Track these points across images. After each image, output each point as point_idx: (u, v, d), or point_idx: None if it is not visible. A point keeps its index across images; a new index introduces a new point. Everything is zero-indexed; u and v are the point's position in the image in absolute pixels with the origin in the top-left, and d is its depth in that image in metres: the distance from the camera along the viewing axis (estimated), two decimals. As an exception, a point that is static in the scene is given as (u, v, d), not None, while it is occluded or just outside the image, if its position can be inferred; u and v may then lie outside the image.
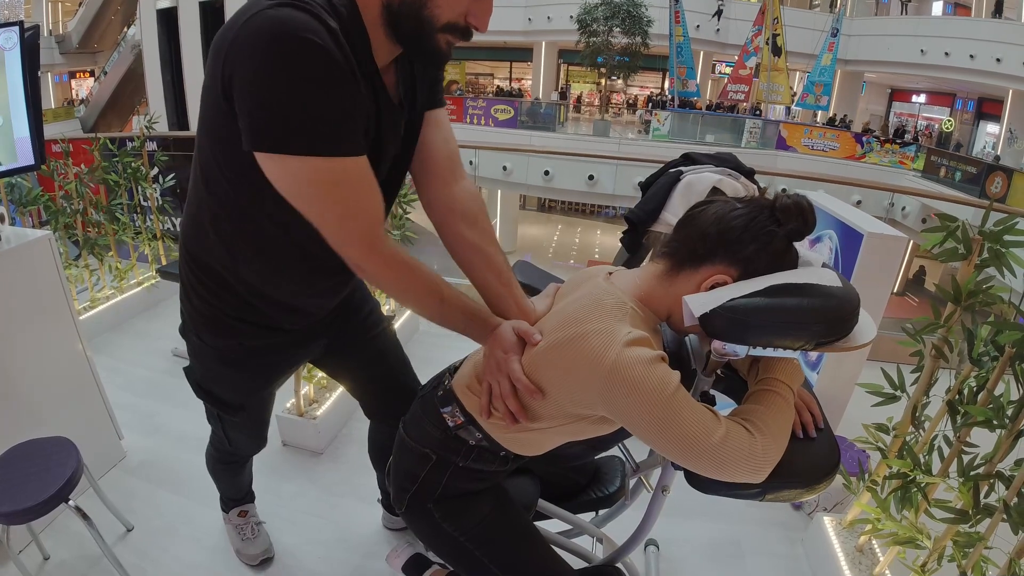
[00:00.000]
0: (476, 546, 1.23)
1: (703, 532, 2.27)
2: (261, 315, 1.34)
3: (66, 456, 1.78)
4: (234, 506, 2.07)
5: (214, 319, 1.36)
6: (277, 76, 0.92)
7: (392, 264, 1.10)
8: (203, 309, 1.35)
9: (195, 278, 1.32)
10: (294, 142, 0.96)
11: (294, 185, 1.02)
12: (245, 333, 1.38)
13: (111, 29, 23.30)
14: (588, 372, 0.96)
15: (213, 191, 1.19)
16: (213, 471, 1.96)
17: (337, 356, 1.67)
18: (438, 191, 1.28)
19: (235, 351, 1.43)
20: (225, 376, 1.52)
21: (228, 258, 1.25)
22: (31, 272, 2.10)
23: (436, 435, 1.19)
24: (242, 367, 1.48)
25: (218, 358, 1.46)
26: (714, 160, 2.02)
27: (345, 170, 1.02)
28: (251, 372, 1.51)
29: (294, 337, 1.46)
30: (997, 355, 1.53)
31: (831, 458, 1.09)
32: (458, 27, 1.05)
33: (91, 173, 3.60)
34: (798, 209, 1.00)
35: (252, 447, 1.85)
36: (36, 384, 2.12)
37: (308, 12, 0.94)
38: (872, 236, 2.22)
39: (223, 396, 1.56)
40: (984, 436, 1.58)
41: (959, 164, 14.11)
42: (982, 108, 18.78)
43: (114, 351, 3.40)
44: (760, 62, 16.95)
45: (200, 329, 1.40)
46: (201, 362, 1.51)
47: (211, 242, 1.25)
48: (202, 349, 1.45)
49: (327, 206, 1.03)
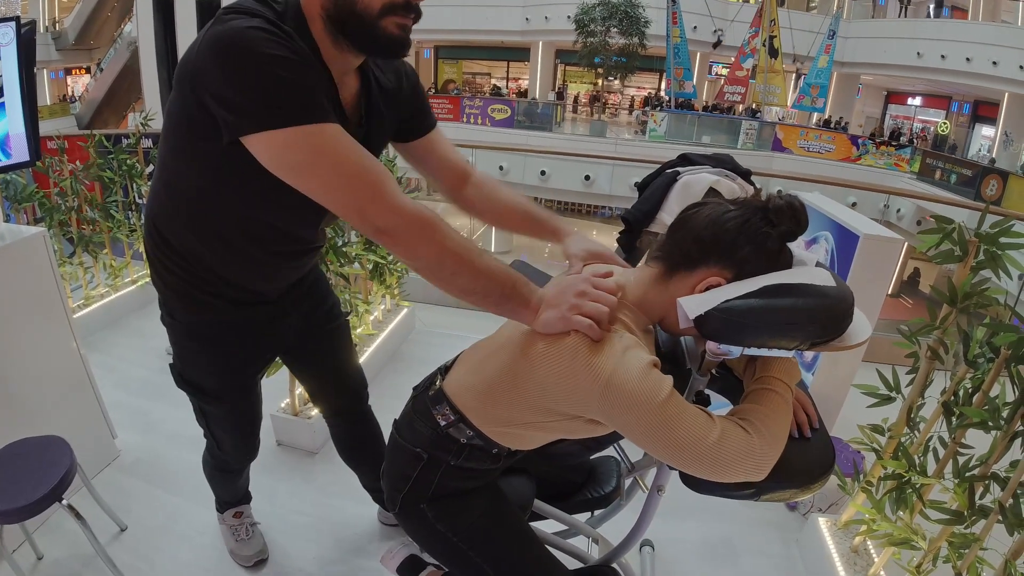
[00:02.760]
0: (470, 546, 1.22)
1: (698, 532, 2.27)
2: (231, 290, 1.39)
3: (59, 455, 1.76)
4: (228, 508, 2.06)
5: (186, 295, 1.39)
6: (244, 63, 0.98)
7: (421, 219, 1.03)
8: (175, 285, 1.38)
9: (163, 255, 1.35)
10: (275, 116, 0.99)
11: (286, 159, 1.03)
12: (216, 308, 1.41)
13: (107, 25, 23.22)
14: (588, 381, 0.96)
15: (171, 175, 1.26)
16: (210, 477, 1.95)
17: (303, 346, 1.70)
18: (456, 194, 1.45)
19: (207, 327, 1.46)
20: (200, 357, 1.53)
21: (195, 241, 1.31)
22: (25, 270, 2.09)
23: (427, 434, 1.19)
24: (214, 344, 1.49)
25: (188, 334, 1.48)
26: (711, 161, 2.02)
27: (331, 136, 1.03)
28: (223, 350, 1.51)
29: (267, 313, 1.49)
30: (993, 357, 1.53)
31: (826, 458, 1.09)
32: (397, 5, 1.06)
33: (86, 170, 3.58)
34: (791, 210, 1.00)
35: (242, 454, 1.84)
36: (30, 382, 2.10)
37: (258, 17, 1.02)
38: (868, 238, 2.22)
39: (201, 383, 1.57)
40: (979, 437, 1.58)
41: (954, 167, 14.18)
42: (978, 111, 18.87)
43: (108, 349, 3.39)
44: (757, 64, 17.00)
45: (172, 304, 1.43)
46: (176, 341, 1.52)
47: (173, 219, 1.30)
48: (174, 327, 1.47)
49: (327, 174, 1.03)
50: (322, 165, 1.02)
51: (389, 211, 1.03)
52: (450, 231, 1.05)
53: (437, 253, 1.04)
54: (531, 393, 1.05)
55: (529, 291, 1.07)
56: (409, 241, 1.04)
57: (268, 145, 1.02)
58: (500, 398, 1.10)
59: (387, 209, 1.03)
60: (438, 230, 1.04)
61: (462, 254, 1.05)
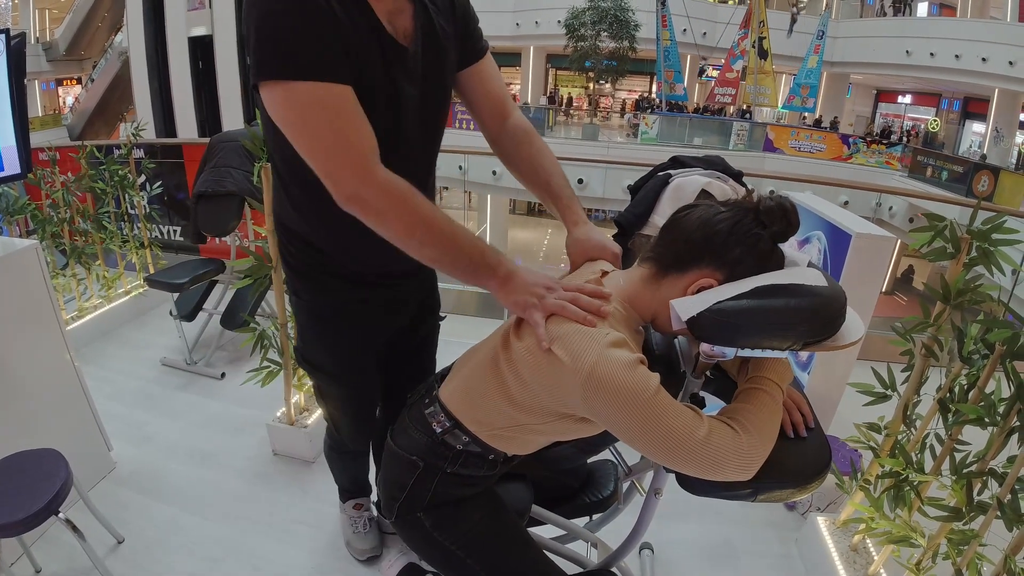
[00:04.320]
0: (468, 554, 1.22)
1: (697, 534, 2.26)
2: (348, 269, 1.43)
3: (55, 468, 1.76)
4: (349, 497, 2.10)
5: (306, 275, 1.46)
6: (262, 9, 1.01)
7: (392, 190, 1.07)
8: (297, 266, 1.45)
9: (286, 239, 1.44)
10: (273, 68, 1.02)
11: (281, 114, 1.06)
12: (335, 288, 1.46)
13: (98, 36, 23.21)
14: (569, 374, 0.96)
15: (279, 159, 1.31)
16: (328, 458, 2.00)
17: (405, 337, 1.71)
18: (492, 129, 1.43)
19: (327, 307, 1.50)
20: (321, 337, 1.57)
21: (302, 221, 1.36)
22: (18, 282, 2.08)
23: (423, 441, 1.19)
24: (334, 324, 1.53)
25: (310, 313, 1.54)
26: (702, 163, 2.02)
27: (329, 95, 1.04)
28: (342, 331, 1.54)
29: (386, 296, 1.51)
30: (987, 353, 1.53)
31: (822, 457, 1.09)
32: None
33: (78, 181, 3.57)
34: (781, 211, 1.01)
35: (357, 436, 1.86)
36: (24, 395, 2.09)
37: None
38: (860, 236, 2.22)
39: (320, 362, 1.62)
40: (976, 434, 1.58)
41: (945, 163, 14.23)
42: (968, 107, 18.97)
43: (103, 361, 3.38)
44: (747, 65, 17.07)
45: (296, 284, 1.50)
46: (299, 321, 1.60)
47: (287, 206, 1.37)
48: (299, 306, 1.55)
49: (315, 135, 1.05)
50: (309, 125, 1.05)
51: (361, 181, 1.06)
52: (421, 202, 1.09)
53: (407, 225, 1.08)
54: (517, 392, 1.05)
55: (496, 261, 1.11)
56: (380, 211, 1.07)
57: (267, 96, 1.06)
58: (490, 400, 1.10)
59: (360, 179, 1.06)
60: (408, 202, 1.08)
61: (431, 225, 1.08)
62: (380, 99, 1.17)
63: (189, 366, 3.31)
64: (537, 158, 1.39)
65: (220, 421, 2.86)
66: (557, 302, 1.04)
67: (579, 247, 1.31)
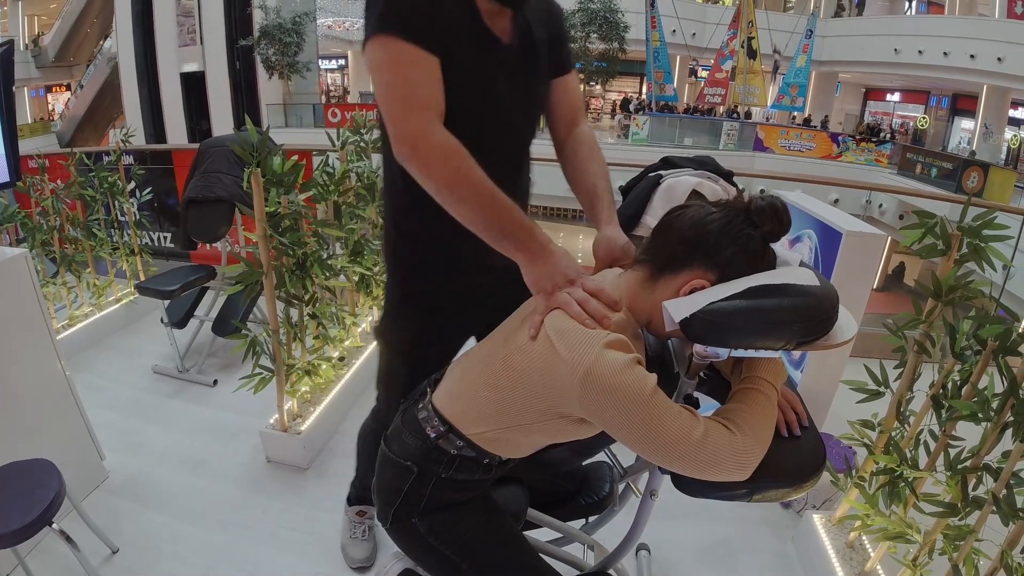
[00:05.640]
0: (463, 559, 1.21)
1: (694, 534, 2.26)
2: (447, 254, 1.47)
3: (47, 478, 1.74)
4: (357, 503, 2.11)
5: (403, 259, 1.53)
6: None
7: (442, 145, 1.13)
8: (396, 252, 1.54)
9: (388, 229, 1.53)
10: (375, 24, 1.14)
11: (373, 64, 1.16)
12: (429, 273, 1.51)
13: (87, 42, 23.12)
14: (566, 373, 0.96)
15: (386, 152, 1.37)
16: (362, 448, 1.97)
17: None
18: (560, 134, 1.53)
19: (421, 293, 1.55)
20: (409, 319, 1.60)
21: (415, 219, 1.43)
22: (8, 291, 2.07)
23: (417, 446, 1.18)
24: (426, 308, 1.56)
25: (403, 294, 1.59)
26: (693, 164, 2.03)
27: (412, 55, 1.14)
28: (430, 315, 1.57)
29: (478, 284, 1.53)
30: (980, 349, 1.54)
31: (817, 456, 1.09)
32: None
33: (67, 189, 3.55)
34: (772, 211, 1.01)
35: None
36: (15, 404, 2.08)
37: None
38: (851, 234, 2.23)
39: (400, 343, 1.64)
40: (969, 429, 1.58)
41: (935, 160, 14.29)
42: (957, 104, 19.08)
43: (94, 369, 3.36)
44: (736, 65, 17.13)
45: (393, 269, 1.58)
46: (388, 299, 1.65)
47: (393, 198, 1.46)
48: (391, 287, 1.62)
49: (392, 84, 1.15)
50: (384, 74, 1.15)
51: (417, 131, 1.13)
52: (468, 164, 1.13)
53: (448, 180, 1.13)
54: (513, 391, 1.05)
55: (529, 236, 1.15)
56: (428, 162, 1.14)
57: (368, 50, 1.16)
58: (484, 401, 1.10)
59: (416, 129, 1.13)
60: (454, 159, 1.13)
61: (472, 185, 1.13)
62: (473, 85, 1.25)
63: (181, 373, 3.29)
64: (588, 162, 1.47)
65: (213, 428, 2.85)
66: (565, 297, 1.06)
67: (605, 246, 1.33)
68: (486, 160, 1.15)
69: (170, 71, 17.86)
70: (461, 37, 1.21)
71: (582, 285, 1.09)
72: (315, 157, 3.75)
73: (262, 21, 16.92)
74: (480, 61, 1.26)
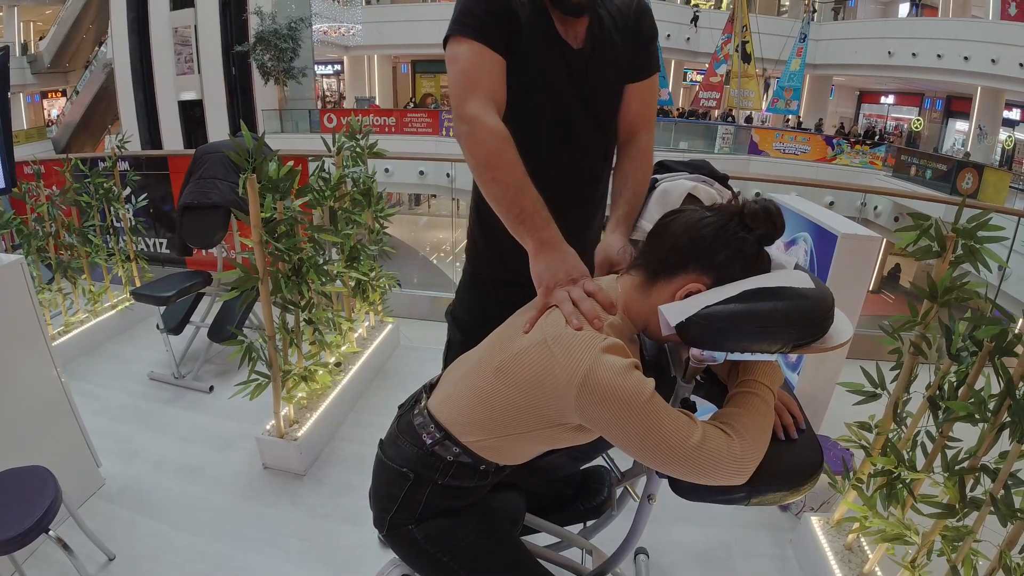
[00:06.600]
0: (461, 566, 1.20)
1: (692, 538, 2.26)
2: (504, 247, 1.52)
3: (43, 485, 1.74)
4: None
5: (471, 247, 1.72)
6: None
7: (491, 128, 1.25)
8: (475, 243, 1.70)
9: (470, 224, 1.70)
10: (453, 26, 1.34)
11: (449, 58, 1.34)
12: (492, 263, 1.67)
13: (83, 48, 23.06)
14: (563, 378, 0.96)
15: None
16: None
17: None
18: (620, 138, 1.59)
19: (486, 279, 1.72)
20: (473, 302, 1.77)
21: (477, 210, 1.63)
22: (3, 298, 2.06)
23: (413, 453, 1.18)
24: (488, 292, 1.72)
25: (471, 279, 1.77)
26: (688, 167, 2.03)
27: (480, 53, 1.32)
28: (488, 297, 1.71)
29: None
30: (976, 350, 1.54)
31: (814, 458, 1.09)
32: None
33: (63, 195, 3.54)
34: (766, 214, 1.01)
35: None
36: (10, 412, 2.07)
37: None
38: (846, 237, 2.24)
39: (462, 315, 1.80)
40: (967, 430, 1.59)
41: (929, 162, 14.32)
42: (951, 106, 19.12)
43: (90, 376, 3.35)
44: (731, 69, 17.17)
45: (469, 257, 1.75)
46: (462, 282, 1.81)
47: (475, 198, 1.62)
48: (466, 270, 1.78)
49: (460, 74, 1.32)
50: (459, 67, 1.33)
51: (471, 115, 1.26)
52: (508, 149, 1.24)
53: (487, 159, 1.25)
54: (510, 398, 1.04)
55: (542, 227, 1.22)
56: (476, 141, 1.26)
57: (448, 48, 1.35)
58: (481, 408, 1.10)
59: (472, 114, 1.26)
60: (497, 142, 1.24)
61: (506, 168, 1.24)
62: (535, 85, 1.41)
63: (177, 380, 3.28)
64: (629, 171, 1.54)
65: (209, 435, 2.84)
66: (562, 294, 1.11)
67: (602, 251, 1.39)
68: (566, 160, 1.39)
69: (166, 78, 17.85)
70: (531, 40, 1.37)
71: (583, 286, 1.12)
72: (311, 162, 3.75)
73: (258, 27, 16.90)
74: (546, 63, 1.40)
